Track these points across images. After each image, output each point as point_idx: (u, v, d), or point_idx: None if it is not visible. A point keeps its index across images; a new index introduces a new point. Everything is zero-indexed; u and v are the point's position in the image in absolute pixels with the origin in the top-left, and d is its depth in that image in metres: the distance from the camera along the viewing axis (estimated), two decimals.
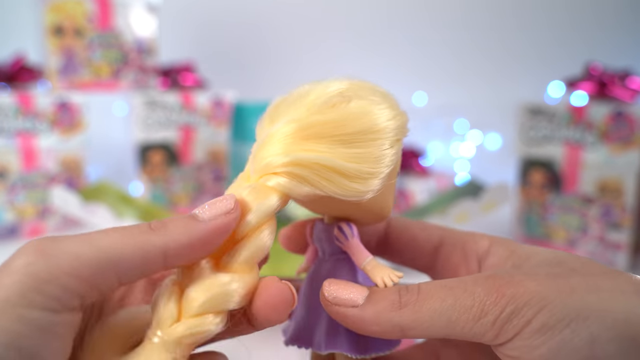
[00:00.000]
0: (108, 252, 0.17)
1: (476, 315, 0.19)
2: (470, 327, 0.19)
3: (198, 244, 0.18)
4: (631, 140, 0.49)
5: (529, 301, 0.18)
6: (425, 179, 0.69)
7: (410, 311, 0.19)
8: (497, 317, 0.18)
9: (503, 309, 0.18)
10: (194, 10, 0.91)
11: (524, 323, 0.18)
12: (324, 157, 0.19)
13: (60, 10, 0.63)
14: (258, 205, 0.19)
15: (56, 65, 0.64)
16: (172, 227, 0.18)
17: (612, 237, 0.52)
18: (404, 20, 0.92)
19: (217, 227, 0.19)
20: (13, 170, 0.60)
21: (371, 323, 0.20)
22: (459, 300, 0.19)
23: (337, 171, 0.19)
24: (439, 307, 0.19)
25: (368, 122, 0.20)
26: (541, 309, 0.18)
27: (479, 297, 0.19)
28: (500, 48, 0.89)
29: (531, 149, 0.57)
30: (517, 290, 0.18)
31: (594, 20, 0.85)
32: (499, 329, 0.18)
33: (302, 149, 0.19)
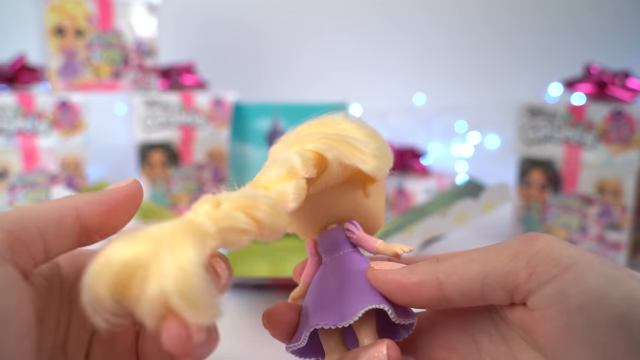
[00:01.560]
0: (27, 211, 0.19)
1: (511, 254, 0.19)
2: (502, 267, 0.19)
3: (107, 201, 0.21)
4: (631, 141, 0.49)
5: (567, 250, 0.18)
6: (425, 179, 0.69)
7: (446, 262, 0.20)
8: (532, 255, 0.19)
9: (539, 249, 0.19)
10: (194, 10, 0.91)
11: (561, 268, 0.18)
12: (350, 136, 0.22)
13: (61, 11, 0.63)
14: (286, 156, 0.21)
15: (56, 66, 0.64)
16: (85, 194, 0.20)
17: (611, 237, 0.52)
18: (404, 21, 0.92)
19: (124, 191, 0.21)
20: (13, 170, 0.60)
21: (414, 277, 0.21)
22: (494, 247, 0.20)
23: (355, 146, 0.22)
24: (474, 254, 0.20)
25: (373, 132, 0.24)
26: (579, 261, 0.18)
27: (514, 242, 0.20)
28: (500, 48, 0.89)
29: (531, 149, 0.57)
30: (554, 239, 0.19)
31: (594, 20, 0.85)
32: (534, 267, 0.18)
33: (330, 129, 0.23)
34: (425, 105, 0.90)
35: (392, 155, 0.24)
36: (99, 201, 0.20)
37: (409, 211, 0.60)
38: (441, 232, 0.50)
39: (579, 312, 0.17)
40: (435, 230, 0.50)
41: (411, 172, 0.71)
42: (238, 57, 0.93)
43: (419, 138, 0.86)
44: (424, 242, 0.50)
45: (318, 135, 0.22)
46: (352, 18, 0.93)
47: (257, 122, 0.58)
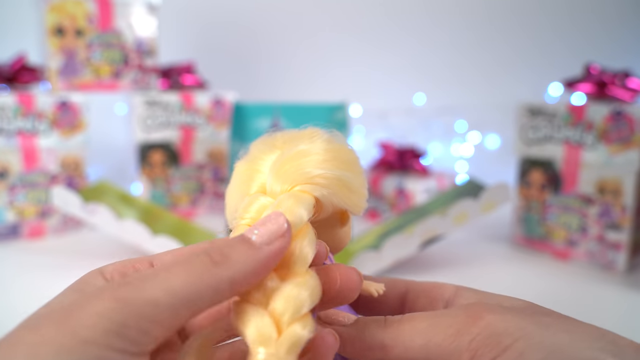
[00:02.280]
0: (182, 295, 0.17)
1: (453, 333, 0.19)
2: (446, 346, 0.19)
3: (261, 271, 0.19)
4: (630, 141, 0.49)
5: (507, 329, 0.19)
6: (425, 179, 0.69)
7: (393, 329, 0.21)
8: (473, 337, 0.19)
9: (480, 331, 0.19)
10: (194, 10, 0.91)
11: (500, 349, 0.19)
12: (346, 176, 0.22)
13: (61, 11, 0.63)
14: (299, 211, 0.20)
15: (57, 66, 0.64)
16: (235, 258, 0.18)
17: (611, 237, 0.52)
18: (404, 21, 0.92)
19: (276, 252, 0.19)
20: (13, 170, 0.60)
21: (357, 339, 0.21)
22: (439, 320, 0.20)
23: (350, 187, 0.22)
24: (419, 325, 0.20)
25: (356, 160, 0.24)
26: (519, 338, 0.19)
27: (457, 318, 0.20)
28: (500, 48, 0.89)
29: (531, 149, 0.57)
30: (496, 317, 0.19)
31: (594, 20, 0.85)
32: (475, 350, 0.19)
33: (329, 166, 0.22)
34: (425, 105, 0.90)
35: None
36: (255, 274, 0.19)
37: (409, 211, 0.60)
38: (441, 232, 0.50)
39: None
40: (435, 230, 0.50)
41: (411, 172, 0.71)
42: (238, 57, 0.93)
43: (419, 138, 0.86)
44: (424, 242, 0.50)
45: (313, 175, 0.21)
46: (352, 18, 0.93)
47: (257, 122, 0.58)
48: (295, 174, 0.22)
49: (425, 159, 0.72)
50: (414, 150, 0.72)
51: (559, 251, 0.56)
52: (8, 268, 0.53)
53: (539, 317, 0.20)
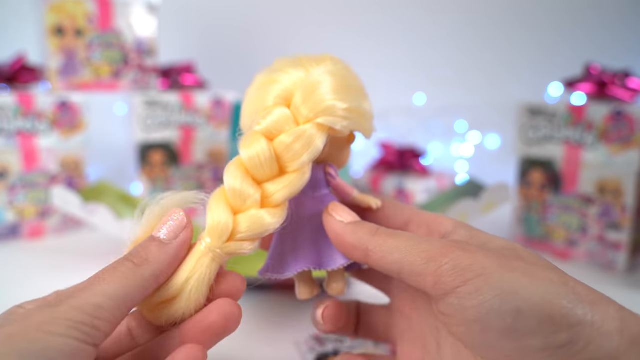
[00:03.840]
0: (119, 297, 0.21)
1: (425, 258, 0.22)
2: (415, 267, 0.22)
3: (175, 261, 0.23)
4: (631, 140, 0.49)
5: (472, 265, 0.21)
6: (425, 179, 0.69)
7: (379, 239, 0.24)
8: (440, 266, 0.21)
9: (448, 261, 0.21)
10: (194, 10, 0.91)
11: (461, 281, 0.21)
12: (363, 105, 0.25)
13: (61, 11, 0.63)
14: (311, 148, 0.24)
15: (56, 66, 0.64)
16: (152, 257, 0.22)
17: (611, 237, 0.52)
18: (404, 20, 0.92)
19: (183, 243, 0.23)
20: (13, 170, 0.60)
21: (348, 236, 0.25)
22: (419, 244, 0.23)
23: (364, 116, 0.26)
24: (401, 243, 0.23)
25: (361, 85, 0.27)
26: (479, 275, 0.20)
27: (433, 246, 0.22)
28: (500, 48, 0.89)
29: (531, 149, 0.57)
30: (465, 254, 0.21)
31: (594, 20, 0.85)
32: (439, 277, 0.21)
33: (347, 98, 0.25)
34: (425, 105, 0.90)
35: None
36: (170, 264, 0.23)
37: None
38: None
39: (475, 323, 0.20)
40: None
41: (411, 172, 0.71)
42: (238, 57, 0.93)
43: (419, 138, 0.86)
44: None
45: (338, 108, 0.24)
46: (352, 19, 0.93)
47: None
48: (322, 105, 0.24)
49: (425, 159, 0.72)
50: (414, 150, 0.72)
51: (559, 251, 0.56)
52: (8, 268, 0.53)
53: (509, 261, 0.21)
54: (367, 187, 0.72)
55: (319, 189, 0.27)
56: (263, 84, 0.26)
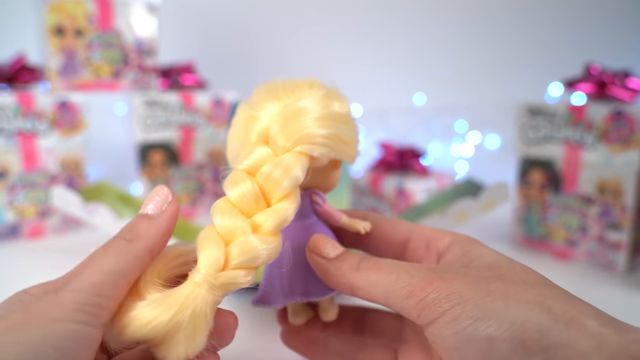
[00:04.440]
0: (116, 272, 0.21)
1: (405, 294, 0.23)
2: (399, 302, 0.23)
3: (165, 233, 0.23)
4: (631, 140, 0.49)
5: (449, 295, 0.21)
6: (425, 179, 0.69)
7: (361, 274, 0.24)
8: (420, 299, 0.22)
9: (427, 295, 0.22)
10: (194, 10, 0.91)
11: (440, 312, 0.21)
12: (342, 132, 0.25)
13: (61, 11, 0.63)
14: (290, 174, 0.23)
15: (56, 66, 0.64)
16: (143, 232, 0.23)
17: (611, 237, 0.52)
18: (404, 20, 0.92)
19: (170, 215, 0.24)
20: (13, 170, 0.60)
21: (332, 275, 0.25)
22: (399, 277, 0.23)
23: (346, 142, 0.25)
24: (383, 278, 0.24)
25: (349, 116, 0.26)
26: (456, 304, 0.21)
27: (413, 279, 0.23)
28: (500, 48, 0.89)
29: (531, 149, 0.57)
30: (443, 284, 0.22)
31: (594, 20, 0.85)
32: (420, 310, 0.22)
33: (325, 124, 0.24)
34: (425, 105, 0.90)
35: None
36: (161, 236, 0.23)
37: (409, 211, 0.60)
38: None
39: (454, 351, 0.21)
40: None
41: (411, 172, 0.71)
42: (238, 57, 0.93)
43: (419, 138, 0.86)
44: None
45: (314, 135, 0.24)
46: (352, 19, 0.93)
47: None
48: (298, 134, 0.24)
49: (426, 159, 0.72)
50: (414, 150, 0.72)
51: (559, 251, 0.56)
52: (8, 268, 0.53)
53: (487, 284, 0.22)
54: (367, 187, 0.72)
55: (307, 217, 0.27)
56: (244, 120, 0.26)
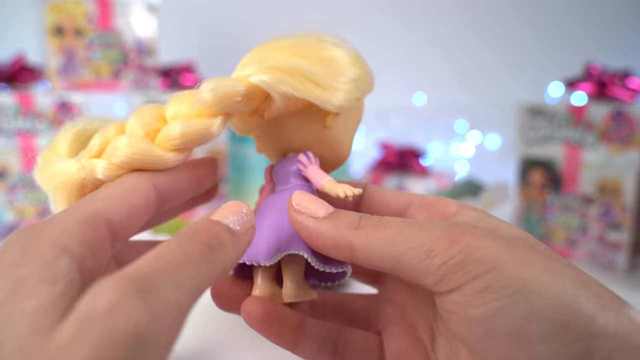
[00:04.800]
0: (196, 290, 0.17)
1: (425, 253, 0.18)
2: (415, 265, 0.18)
3: (237, 260, 0.19)
4: (631, 140, 0.49)
5: (482, 258, 0.18)
6: (425, 179, 0.69)
7: (364, 233, 0.19)
8: (444, 261, 0.18)
9: (453, 255, 0.18)
10: (194, 10, 0.91)
11: (469, 278, 0.17)
12: (311, 68, 0.21)
13: (61, 10, 0.63)
14: (226, 87, 0.21)
15: (56, 65, 0.64)
16: (227, 244, 0.18)
17: (611, 237, 0.52)
18: (404, 20, 0.92)
19: (249, 242, 0.19)
20: (13, 170, 0.60)
21: (325, 236, 0.20)
22: (414, 235, 0.19)
23: (309, 78, 0.21)
24: (393, 236, 0.19)
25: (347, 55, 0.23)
26: (491, 270, 0.17)
27: (433, 237, 0.18)
28: (500, 48, 0.89)
29: (531, 149, 0.57)
30: (474, 242, 0.18)
31: (594, 20, 0.85)
32: (443, 275, 0.18)
33: (283, 56, 0.22)
34: (425, 105, 0.90)
35: (369, 83, 0.23)
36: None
37: None
38: None
39: (480, 324, 0.18)
40: None
41: (411, 172, 0.71)
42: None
43: (419, 138, 0.86)
44: None
45: (269, 64, 0.21)
46: (352, 19, 0.93)
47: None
48: (253, 59, 0.22)
49: (426, 159, 0.72)
50: (414, 150, 0.72)
51: (559, 251, 0.56)
52: None
53: (524, 251, 0.18)
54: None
55: (290, 181, 0.24)
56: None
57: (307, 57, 0.22)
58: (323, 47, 0.23)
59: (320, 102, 0.21)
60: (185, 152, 0.22)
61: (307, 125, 0.23)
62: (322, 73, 0.21)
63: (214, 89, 0.21)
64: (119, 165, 0.21)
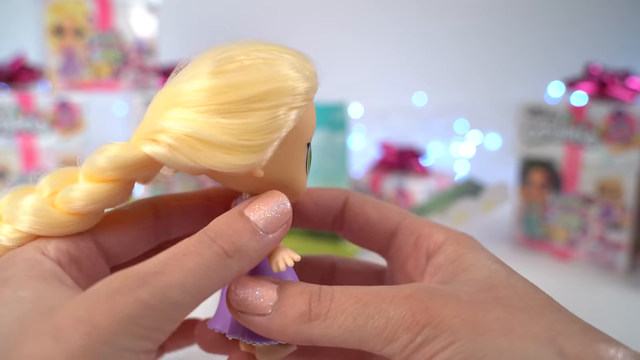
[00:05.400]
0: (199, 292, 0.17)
1: (387, 339, 0.18)
2: (379, 349, 0.18)
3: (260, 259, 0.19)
4: (631, 140, 0.49)
5: (441, 334, 0.17)
6: (425, 179, 0.69)
7: (320, 325, 0.18)
8: (407, 344, 0.18)
9: (414, 337, 0.17)
10: (194, 10, 0.91)
11: (430, 355, 0.17)
12: (194, 128, 0.17)
13: (60, 10, 0.63)
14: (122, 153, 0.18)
15: (56, 65, 0.64)
16: (244, 248, 0.18)
17: (612, 237, 0.52)
18: (404, 20, 0.92)
19: (276, 241, 0.19)
20: (13, 170, 0.60)
21: (279, 335, 0.19)
22: (372, 320, 0.18)
23: (209, 143, 0.17)
24: (351, 325, 0.18)
25: (251, 90, 0.18)
26: (450, 344, 0.17)
27: (392, 320, 0.18)
28: (500, 48, 0.89)
29: (531, 149, 0.57)
30: (432, 320, 0.18)
31: (594, 20, 0.85)
32: (407, 355, 0.18)
33: (177, 117, 0.18)
34: (425, 105, 0.90)
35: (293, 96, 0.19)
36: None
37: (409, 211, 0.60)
38: None
39: None
40: None
41: (411, 172, 0.71)
42: None
43: (419, 138, 0.86)
44: None
45: (164, 132, 0.18)
46: (352, 19, 0.93)
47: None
48: (148, 124, 0.18)
49: (426, 159, 0.72)
50: (414, 150, 0.72)
51: (560, 251, 0.56)
52: None
53: (484, 312, 0.18)
54: (367, 187, 0.72)
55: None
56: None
57: (207, 105, 0.18)
58: (224, 79, 0.19)
59: (221, 168, 0.18)
60: (90, 217, 0.20)
61: (237, 178, 0.20)
62: (223, 128, 0.17)
63: (109, 155, 0.18)
64: (22, 232, 0.19)
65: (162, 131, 0.18)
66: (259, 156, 0.18)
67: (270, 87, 0.18)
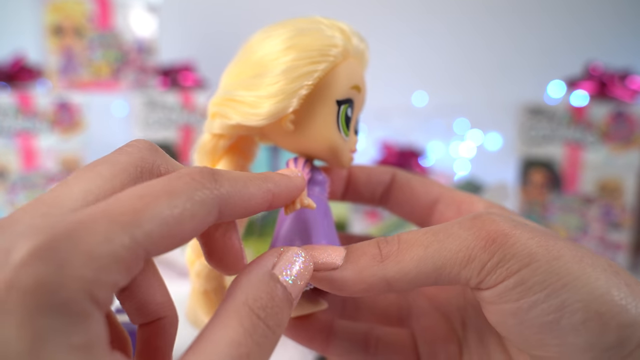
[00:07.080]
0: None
1: (464, 260, 0.18)
2: (457, 272, 0.18)
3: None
4: (631, 140, 0.49)
5: (518, 253, 0.17)
6: None
7: (393, 262, 0.18)
8: (484, 264, 0.18)
9: (491, 256, 0.18)
10: (194, 10, 0.91)
11: (505, 275, 0.17)
12: (231, 87, 0.21)
13: (60, 10, 0.63)
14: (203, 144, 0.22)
15: (56, 65, 0.64)
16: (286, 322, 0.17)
17: (612, 237, 0.52)
18: (404, 19, 0.92)
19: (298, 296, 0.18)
20: (13, 170, 0.60)
21: (355, 282, 0.19)
22: (445, 244, 0.18)
23: (236, 100, 0.21)
24: (423, 253, 0.18)
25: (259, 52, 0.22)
26: (526, 265, 0.17)
27: (466, 240, 0.18)
28: (500, 48, 0.89)
29: (531, 149, 0.57)
30: (507, 238, 0.18)
31: (594, 20, 0.85)
32: (485, 275, 0.18)
33: (223, 87, 0.22)
34: (425, 105, 0.90)
35: (313, 58, 0.21)
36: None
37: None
38: None
39: (513, 316, 0.18)
40: None
41: (411, 172, 0.71)
42: None
43: (419, 138, 0.86)
44: None
45: (211, 107, 0.22)
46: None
47: None
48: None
49: (426, 159, 0.72)
50: (414, 150, 0.72)
51: None
52: None
53: (555, 242, 0.18)
54: None
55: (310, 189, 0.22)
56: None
57: (240, 73, 0.21)
58: (253, 48, 0.22)
59: (250, 122, 0.20)
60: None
61: (278, 136, 0.22)
62: (250, 86, 0.20)
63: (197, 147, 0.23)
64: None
65: (212, 106, 0.22)
66: (273, 105, 0.20)
67: (294, 42, 0.22)
